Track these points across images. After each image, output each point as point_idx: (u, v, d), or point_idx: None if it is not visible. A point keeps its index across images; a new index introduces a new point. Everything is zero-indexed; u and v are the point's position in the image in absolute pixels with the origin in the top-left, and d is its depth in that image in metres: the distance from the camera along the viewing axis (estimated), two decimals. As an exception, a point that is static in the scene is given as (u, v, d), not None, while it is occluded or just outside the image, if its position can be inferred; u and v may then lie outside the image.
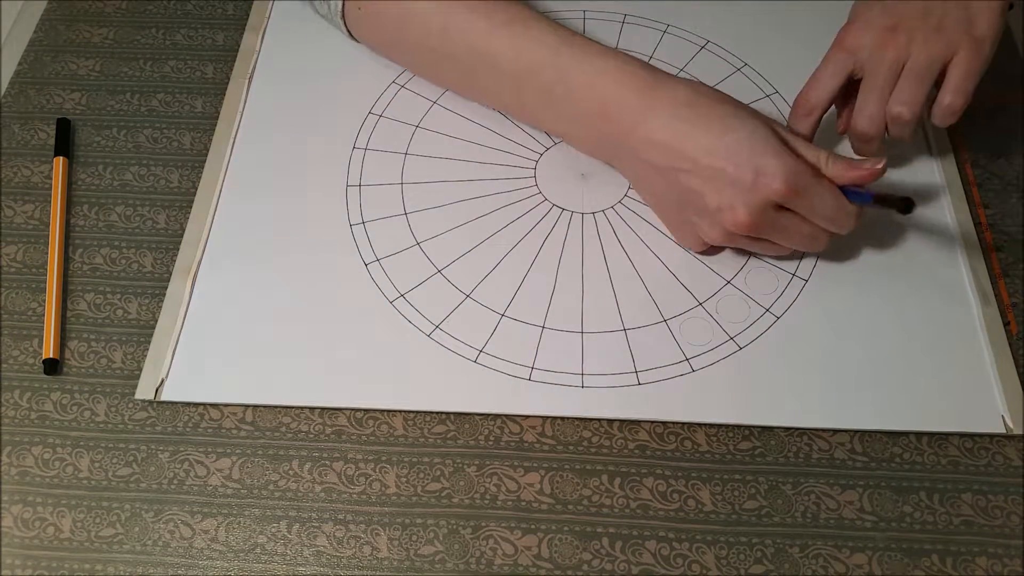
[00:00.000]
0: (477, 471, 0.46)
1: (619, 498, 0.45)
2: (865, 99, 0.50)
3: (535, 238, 0.53)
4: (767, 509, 0.45)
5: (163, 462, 0.46)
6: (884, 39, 0.48)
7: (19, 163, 0.57)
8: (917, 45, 0.48)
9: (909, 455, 0.46)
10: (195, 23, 0.63)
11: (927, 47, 0.48)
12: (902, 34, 0.48)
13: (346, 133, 0.57)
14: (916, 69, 0.48)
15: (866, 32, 0.49)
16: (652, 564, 0.43)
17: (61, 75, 0.61)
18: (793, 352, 0.48)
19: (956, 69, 0.48)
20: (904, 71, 0.48)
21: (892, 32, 0.48)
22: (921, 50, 0.48)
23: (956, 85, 0.48)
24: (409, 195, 0.55)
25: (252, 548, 0.44)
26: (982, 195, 0.55)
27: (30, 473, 0.46)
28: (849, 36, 0.50)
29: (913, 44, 0.48)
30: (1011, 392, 0.47)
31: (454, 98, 0.59)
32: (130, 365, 0.49)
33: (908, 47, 0.48)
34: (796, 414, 0.47)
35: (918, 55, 0.48)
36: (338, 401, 0.47)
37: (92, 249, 0.53)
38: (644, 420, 0.47)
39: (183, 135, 0.58)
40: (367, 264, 0.52)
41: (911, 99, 0.48)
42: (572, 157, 0.56)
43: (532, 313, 0.50)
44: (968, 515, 0.45)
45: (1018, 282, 0.51)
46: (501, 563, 0.44)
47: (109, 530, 0.45)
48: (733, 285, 0.51)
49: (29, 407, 0.48)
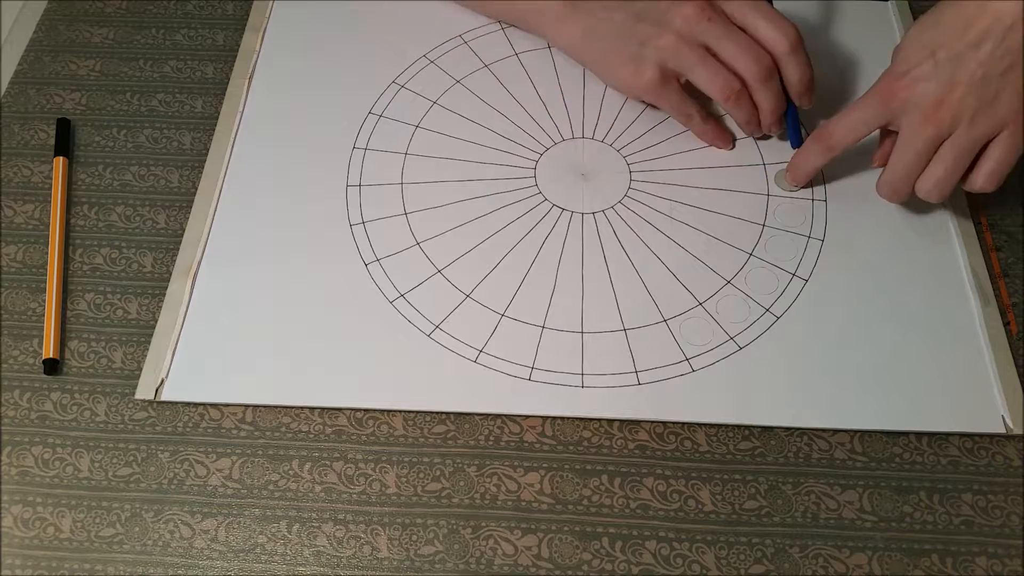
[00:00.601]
0: (477, 471, 0.46)
1: (619, 498, 0.45)
2: (894, 169, 0.49)
3: (535, 238, 0.53)
4: (767, 509, 0.45)
5: (163, 462, 0.46)
6: (930, 113, 0.46)
7: (19, 163, 0.57)
8: (963, 125, 0.45)
9: (909, 455, 0.46)
10: (195, 23, 0.63)
11: (973, 129, 0.45)
12: (950, 111, 0.45)
13: (346, 133, 0.57)
14: (956, 152, 0.46)
15: (913, 94, 0.46)
16: (652, 564, 0.43)
17: (61, 75, 0.61)
18: (793, 352, 0.48)
19: (996, 151, 0.46)
20: (943, 149, 0.46)
21: (940, 107, 0.45)
22: (965, 132, 0.45)
23: (991, 171, 0.46)
24: (409, 195, 0.55)
25: (252, 548, 0.44)
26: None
27: (30, 473, 0.46)
28: (897, 91, 0.47)
29: (959, 123, 0.45)
30: (1011, 392, 0.47)
31: (454, 98, 0.59)
32: (130, 365, 0.49)
33: (953, 126, 0.46)
34: (796, 414, 0.47)
35: (961, 136, 0.46)
36: (338, 401, 0.47)
37: (92, 249, 0.53)
38: (644, 420, 0.47)
39: (183, 135, 0.58)
40: (367, 264, 0.52)
41: (942, 185, 0.47)
42: (572, 157, 0.56)
43: (532, 313, 0.50)
44: (968, 515, 0.45)
45: (1018, 282, 0.51)
46: (501, 563, 0.44)
47: (109, 530, 0.45)
48: (733, 285, 0.51)
49: (29, 407, 0.48)
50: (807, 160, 0.52)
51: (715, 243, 0.52)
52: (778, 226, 0.53)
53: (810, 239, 0.53)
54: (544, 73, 0.60)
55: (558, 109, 0.58)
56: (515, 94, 0.59)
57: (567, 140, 0.57)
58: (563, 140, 0.57)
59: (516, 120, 0.58)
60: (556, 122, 0.58)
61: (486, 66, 0.60)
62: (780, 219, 0.53)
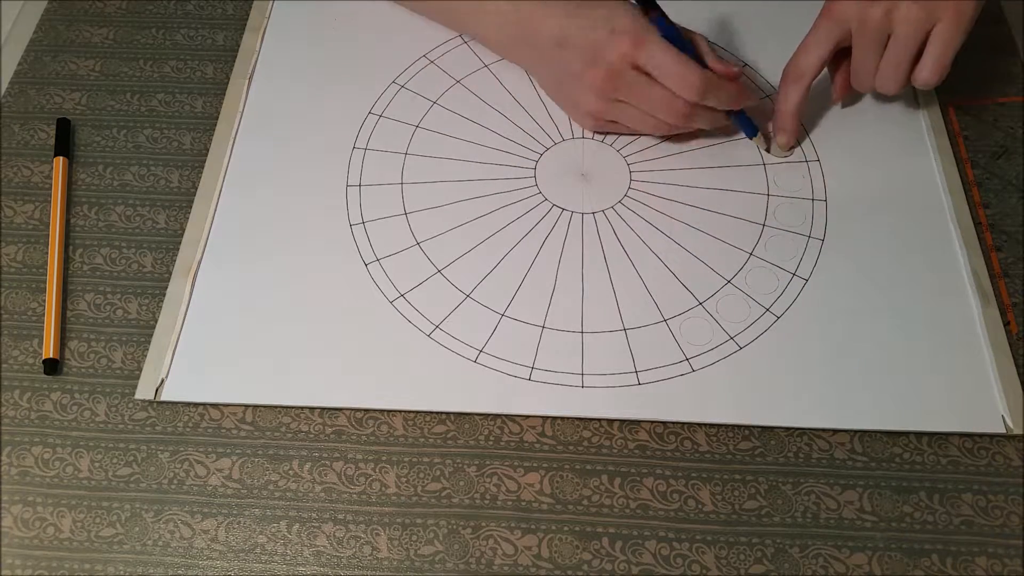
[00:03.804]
0: (477, 471, 0.46)
1: (619, 498, 0.45)
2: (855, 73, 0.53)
3: (535, 238, 0.53)
4: (767, 509, 0.45)
5: (163, 462, 0.46)
6: (866, 12, 0.50)
7: (19, 163, 0.57)
8: (899, 17, 0.49)
9: (909, 455, 0.46)
10: (195, 23, 0.63)
11: (908, 20, 0.49)
12: (882, 11, 0.49)
13: (346, 133, 0.57)
14: (897, 46, 0.50)
15: (850, 4, 0.50)
16: (652, 564, 0.43)
17: (61, 75, 0.61)
18: (793, 352, 0.48)
19: (935, 42, 0.50)
20: (888, 45, 0.50)
21: (872, 9, 0.49)
22: (902, 24, 0.49)
23: (934, 62, 0.50)
24: (409, 195, 0.55)
25: (252, 548, 0.44)
26: (982, 195, 0.55)
27: (30, 473, 0.46)
28: (835, 6, 0.51)
29: (895, 16, 0.49)
30: (1011, 392, 0.47)
31: (454, 98, 0.59)
32: (130, 365, 0.49)
33: (889, 19, 0.49)
34: (796, 414, 0.47)
35: (899, 29, 0.49)
36: (338, 401, 0.47)
37: (92, 249, 0.53)
38: (644, 420, 0.47)
39: (183, 135, 0.58)
40: (367, 264, 0.52)
41: (894, 79, 0.51)
42: (572, 157, 0.56)
43: (532, 313, 0.50)
44: (968, 515, 0.45)
45: (1018, 282, 0.51)
46: (501, 563, 0.44)
47: (109, 530, 0.45)
48: (733, 285, 0.51)
49: (29, 407, 0.48)
50: (786, 100, 0.54)
51: (715, 243, 0.52)
52: (778, 226, 0.53)
53: (810, 239, 0.53)
54: (544, 73, 0.60)
55: (558, 109, 0.58)
56: (515, 94, 0.59)
57: (567, 140, 0.57)
58: (563, 140, 0.57)
59: (516, 120, 0.58)
60: (556, 122, 0.58)
61: (486, 66, 0.60)
62: (780, 219, 0.53)
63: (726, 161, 0.56)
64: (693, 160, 0.56)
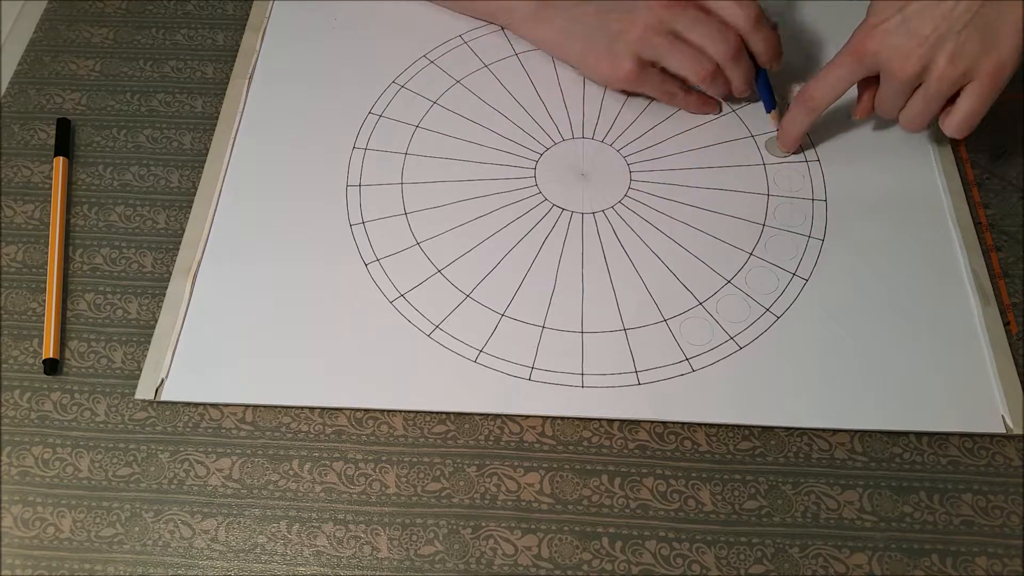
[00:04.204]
0: (477, 471, 0.46)
1: (619, 498, 0.45)
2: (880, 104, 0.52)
3: (535, 238, 0.53)
4: (767, 509, 0.45)
5: (163, 462, 0.47)
6: (898, 67, 0.48)
7: (19, 163, 0.57)
8: (934, 75, 0.48)
9: (909, 455, 0.46)
10: (195, 23, 0.63)
11: (942, 78, 0.48)
12: (918, 64, 0.48)
13: (346, 133, 0.57)
14: (927, 99, 0.49)
15: (883, 46, 0.48)
16: (652, 564, 0.43)
17: (61, 75, 0.61)
18: (793, 352, 0.48)
19: (967, 98, 0.48)
20: (918, 92, 0.49)
21: (907, 60, 0.48)
22: (935, 81, 0.48)
23: (963, 118, 0.49)
24: (409, 195, 0.55)
25: (252, 548, 0.44)
26: (982, 195, 0.55)
27: (30, 473, 0.46)
28: (868, 46, 0.49)
29: (930, 72, 0.48)
30: (1011, 392, 0.47)
31: (454, 98, 0.59)
32: (130, 365, 0.49)
33: (922, 76, 0.48)
34: (796, 414, 0.47)
35: (932, 84, 0.48)
36: (338, 401, 0.47)
37: (92, 249, 0.53)
38: (644, 420, 0.47)
39: (183, 135, 0.58)
40: (367, 264, 0.52)
41: (919, 124, 0.51)
42: (572, 157, 0.56)
43: (532, 313, 0.50)
44: (968, 515, 0.45)
45: (1018, 282, 0.51)
46: (501, 563, 0.44)
47: (109, 530, 0.45)
48: (733, 285, 0.51)
49: (29, 407, 0.48)
50: (793, 123, 0.54)
51: (715, 243, 0.52)
52: (778, 226, 0.53)
53: (810, 239, 0.53)
54: (544, 73, 0.60)
55: (558, 109, 0.58)
56: (515, 94, 0.59)
57: (567, 140, 0.57)
58: (563, 140, 0.57)
59: (516, 120, 0.58)
60: (556, 122, 0.58)
61: (486, 66, 0.60)
62: (780, 219, 0.53)
63: (726, 161, 0.56)
64: (693, 160, 0.56)
